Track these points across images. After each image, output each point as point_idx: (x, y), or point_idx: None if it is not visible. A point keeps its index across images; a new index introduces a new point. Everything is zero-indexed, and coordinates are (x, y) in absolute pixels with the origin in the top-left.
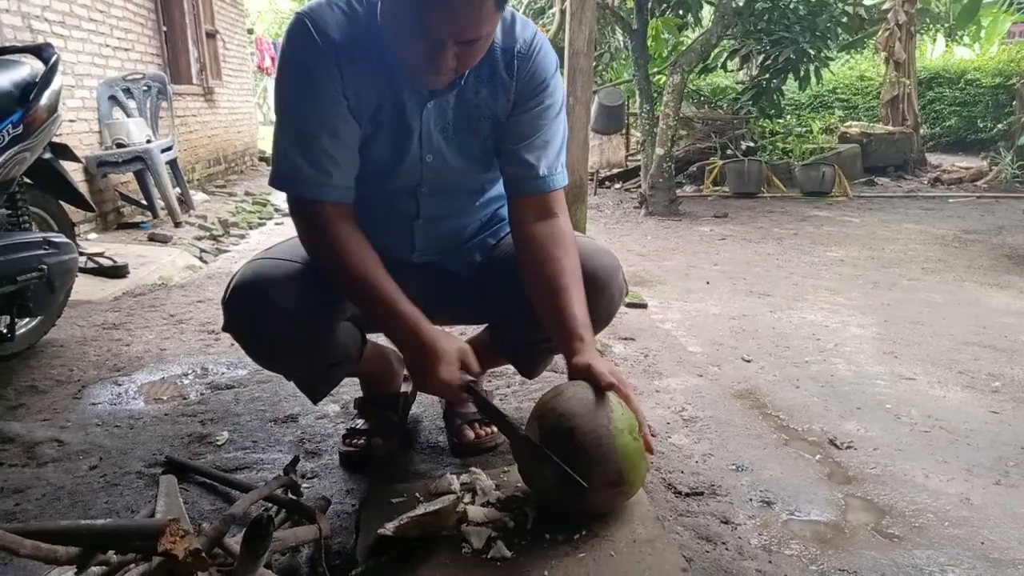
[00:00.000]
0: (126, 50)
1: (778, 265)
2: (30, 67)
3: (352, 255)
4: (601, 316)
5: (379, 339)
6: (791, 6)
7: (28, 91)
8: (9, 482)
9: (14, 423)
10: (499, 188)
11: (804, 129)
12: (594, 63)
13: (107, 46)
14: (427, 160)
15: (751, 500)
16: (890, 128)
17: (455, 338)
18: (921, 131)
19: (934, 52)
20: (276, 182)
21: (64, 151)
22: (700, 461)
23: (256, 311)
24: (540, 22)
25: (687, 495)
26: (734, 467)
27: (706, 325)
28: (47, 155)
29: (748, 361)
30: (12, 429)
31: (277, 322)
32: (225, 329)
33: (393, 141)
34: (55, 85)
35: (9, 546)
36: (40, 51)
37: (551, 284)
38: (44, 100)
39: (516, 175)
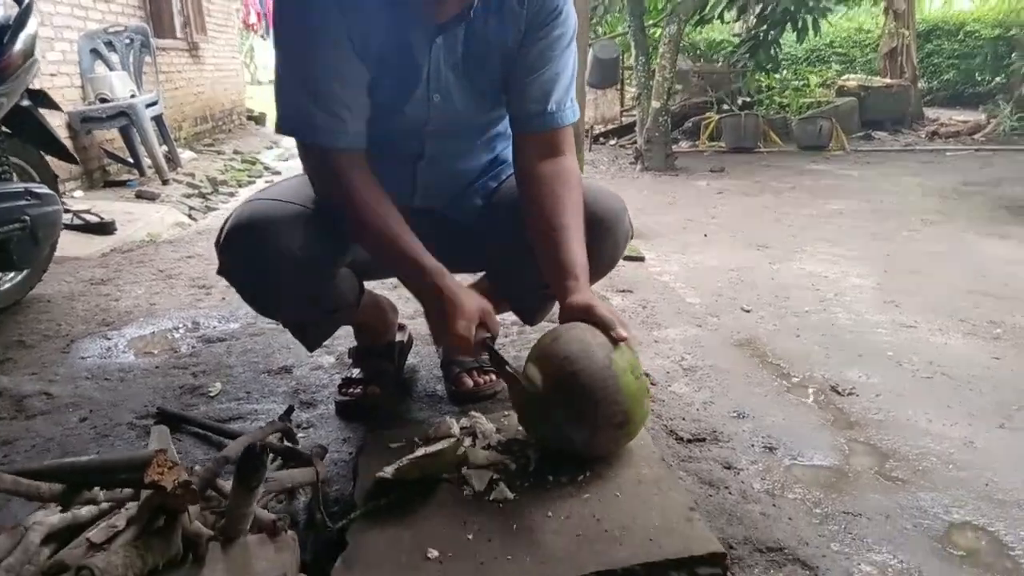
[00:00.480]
0: (106, 1)
1: (776, 218)
2: (2, 9)
3: (371, 205)
4: (605, 260)
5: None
6: None
7: (2, 35)
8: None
9: (2, 377)
10: (503, 126)
11: (801, 83)
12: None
13: None
14: (435, 100)
15: (753, 446)
16: (888, 81)
17: (476, 295)
18: (919, 85)
19: (933, 3)
20: (286, 128)
21: (43, 98)
22: (701, 409)
23: (255, 253)
24: None
25: (689, 441)
26: (735, 414)
27: (704, 277)
28: (25, 103)
29: (747, 311)
30: (0, 382)
31: (277, 266)
32: (220, 272)
33: (400, 80)
34: (30, 28)
35: None
36: None
37: (550, 222)
38: (19, 44)
39: (523, 110)
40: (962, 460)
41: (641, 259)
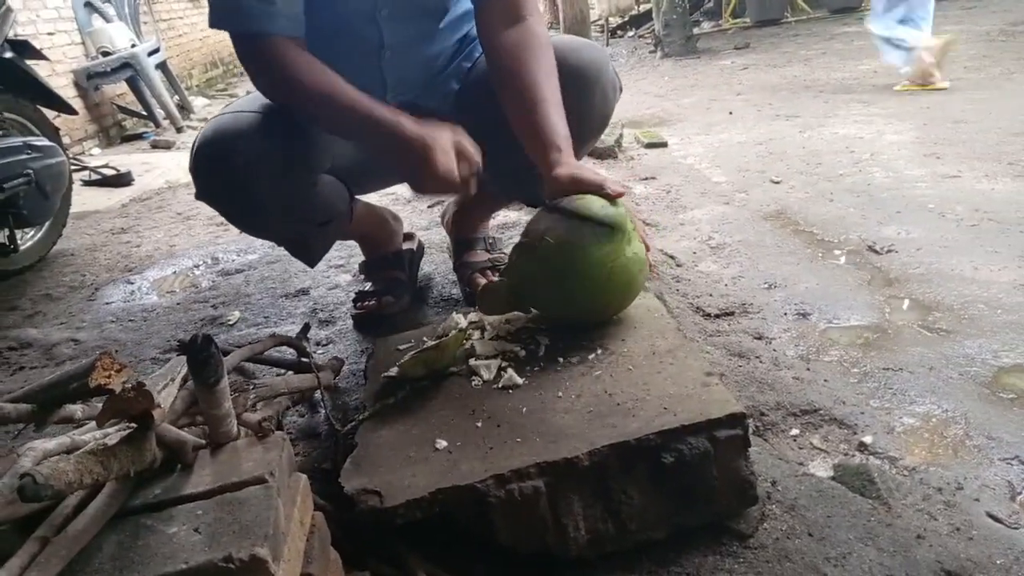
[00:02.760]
0: None
1: (806, 86)
2: None
3: (311, 74)
4: (596, 116)
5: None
6: None
7: None
8: (29, 382)
9: (31, 329)
10: (465, 3)
11: None
12: None
13: None
14: None
15: (785, 314)
16: None
17: (446, 124)
18: None
19: None
20: (215, 21)
21: (27, 48)
22: (730, 284)
23: (225, 167)
24: None
25: (717, 316)
26: (766, 285)
27: (730, 155)
28: (7, 54)
29: (777, 183)
30: (29, 335)
31: (249, 175)
32: (199, 198)
33: None
34: None
35: None
36: None
37: (525, 95)
38: None
39: None
40: (1012, 303)
41: (664, 144)
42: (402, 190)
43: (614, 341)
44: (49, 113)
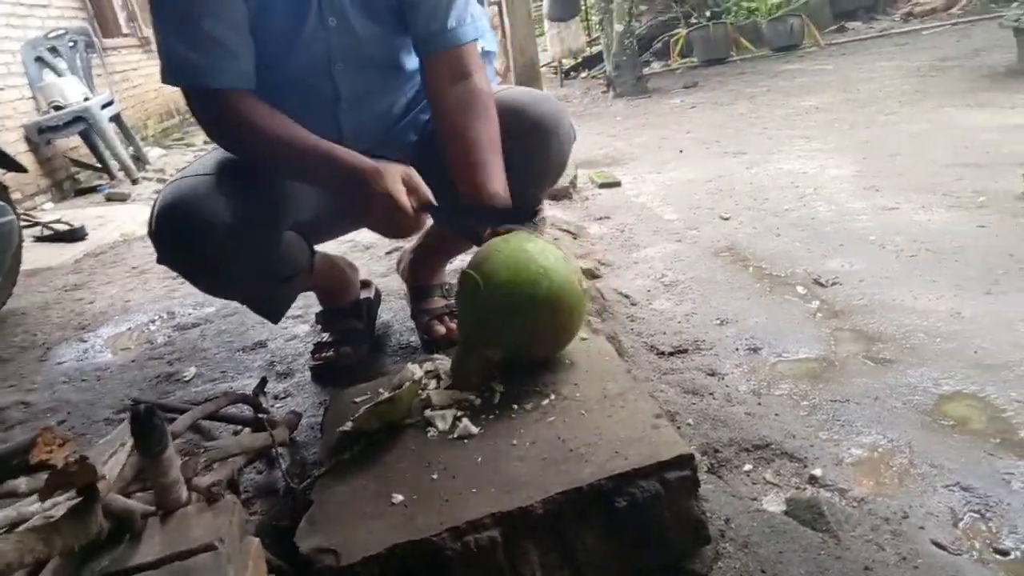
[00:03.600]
0: (43, 6)
1: (751, 123)
2: None
3: (263, 119)
4: (553, 164)
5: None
6: None
7: None
8: None
9: None
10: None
11: None
12: None
13: (21, 4)
14: (331, 24)
15: (737, 349)
16: None
17: (394, 163)
18: None
19: None
20: (167, 77)
21: None
22: (683, 321)
23: (184, 233)
24: None
25: (670, 354)
26: (718, 321)
27: (681, 192)
28: None
29: (726, 219)
30: None
31: (209, 240)
32: (160, 262)
33: (289, 6)
34: None
35: None
36: None
37: (467, 159)
38: None
39: (423, 30)
40: (949, 331)
41: (617, 184)
42: (360, 236)
43: (567, 386)
44: None
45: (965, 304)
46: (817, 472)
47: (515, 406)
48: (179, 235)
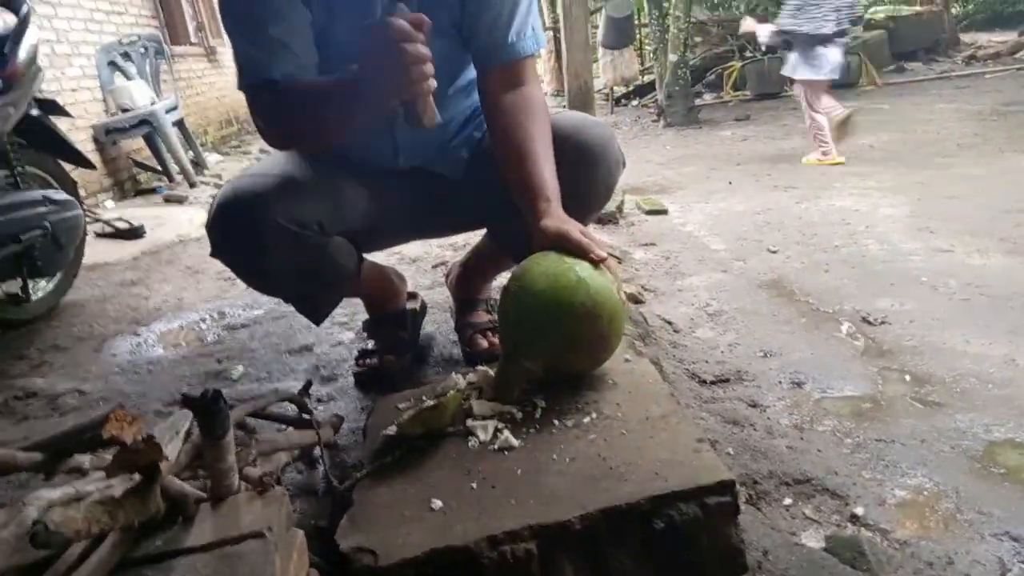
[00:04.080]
0: (119, 14)
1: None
2: (1, 21)
3: (302, 86)
4: (600, 190)
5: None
6: None
7: (2, 44)
8: (32, 432)
9: (37, 379)
10: (473, 72)
11: None
12: None
13: (99, 10)
14: None
15: (780, 383)
16: (918, 8)
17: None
18: (953, 10)
19: None
20: (240, 82)
21: (53, 107)
22: (726, 351)
23: (239, 229)
24: None
25: (712, 383)
26: (762, 353)
27: (729, 223)
28: (35, 112)
29: (774, 252)
30: (35, 384)
31: (263, 237)
32: (213, 255)
33: (352, 21)
34: (30, 37)
35: None
36: (10, 3)
37: (518, 149)
38: (21, 54)
39: (483, 42)
40: (1003, 378)
41: (664, 212)
42: (408, 249)
43: (609, 405)
44: (68, 166)
45: (1020, 351)
46: (859, 511)
47: (556, 421)
48: (232, 229)
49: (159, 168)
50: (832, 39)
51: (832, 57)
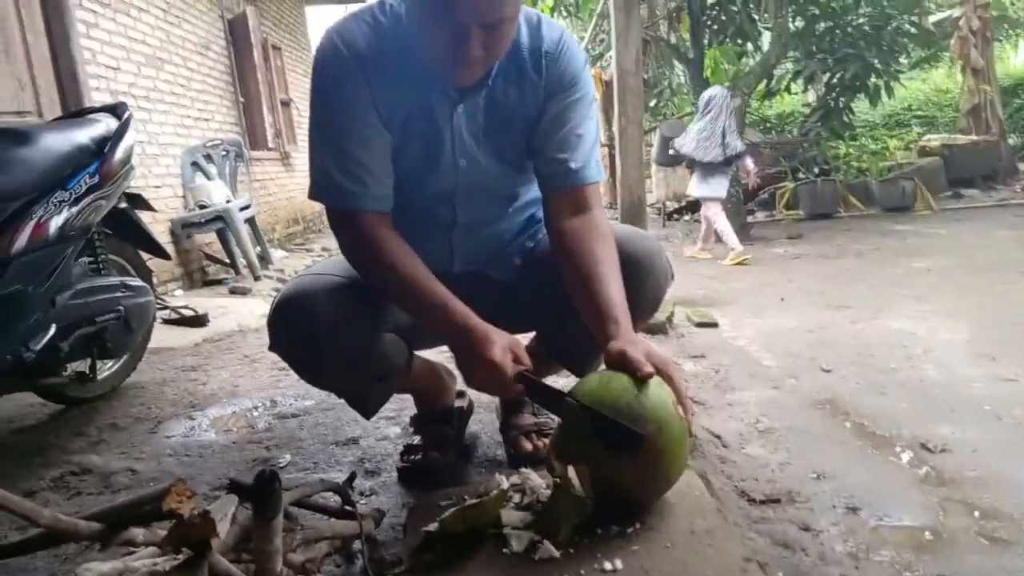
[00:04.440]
0: (206, 120)
1: (858, 278)
2: (105, 124)
3: (395, 257)
4: (648, 303)
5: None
6: (854, 23)
7: (103, 145)
8: (84, 507)
9: (93, 456)
10: (534, 191)
11: (880, 147)
12: (654, 100)
13: (189, 117)
14: (461, 164)
15: (834, 507)
16: (974, 138)
17: (505, 332)
18: (1010, 140)
19: (1017, 59)
20: (314, 194)
21: (139, 200)
22: (777, 470)
23: (298, 325)
24: (599, 66)
25: (762, 502)
26: (815, 475)
27: (781, 339)
28: (123, 205)
29: (827, 371)
30: (91, 461)
31: (318, 333)
32: (271, 348)
33: (425, 147)
34: (128, 140)
35: (29, 514)
36: (115, 109)
37: (586, 272)
38: (119, 153)
39: (549, 171)
40: None
41: (714, 324)
42: None
43: (653, 516)
44: (146, 256)
45: None
46: None
47: (599, 530)
48: (290, 325)
49: (228, 261)
50: (721, 167)
51: (722, 180)
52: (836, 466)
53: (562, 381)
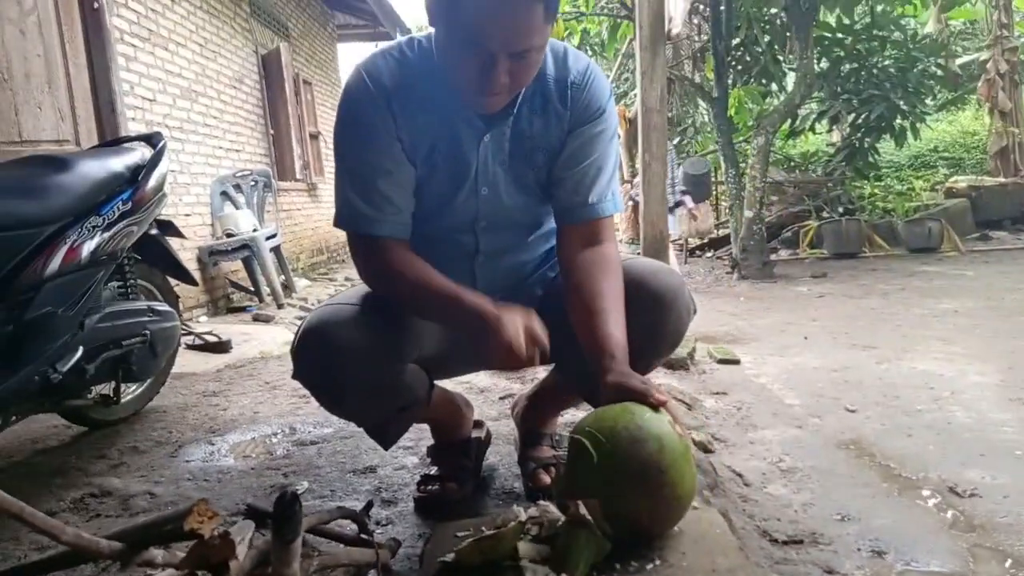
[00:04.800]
0: (237, 151)
1: (883, 318)
2: (140, 152)
3: (408, 267)
4: (668, 337)
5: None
6: (880, 65)
7: (138, 172)
8: (102, 529)
9: (114, 479)
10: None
11: (906, 187)
12: (677, 138)
13: (220, 148)
14: (482, 193)
15: (859, 550)
16: (1002, 180)
17: (519, 308)
18: None
19: None
20: (337, 222)
21: (169, 227)
22: (800, 510)
23: (321, 354)
24: (623, 104)
25: (784, 543)
26: (839, 516)
27: (804, 378)
28: (153, 231)
29: (852, 411)
30: (111, 484)
31: (342, 364)
32: (294, 377)
33: (450, 176)
34: (162, 168)
35: (51, 531)
36: (150, 139)
37: (588, 307)
38: (152, 181)
39: (566, 202)
40: None
41: (736, 361)
42: (476, 379)
43: (674, 553)
44: (172, 281)
45: None
46: None
47: (617, 565)
48: (314, 354)
49: (252, 289)
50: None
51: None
52: (861, 508)
53: (580, 414)
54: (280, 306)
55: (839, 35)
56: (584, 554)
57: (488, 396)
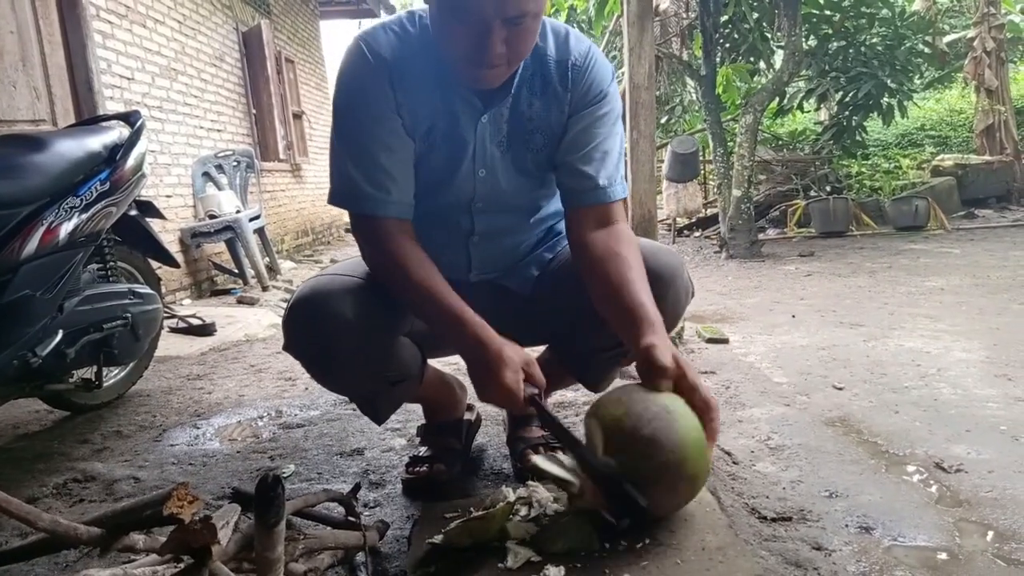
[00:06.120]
0: (218, 131)
1: (870, 297)
2: (118, 131)
3: (414, 265)
4: (668, 315)
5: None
6: (868, 43)
7: (115, 152)
8: (86, 514)
9: (97, 464)
10: (554, 204)
11: (893, 165)
12: (666, 116)
13: (201, 128)
14: (480, 174)
15: (847, 526)
16: (988, 158)
17: (520, 348)
18: None
19: None
20: (336, 199)
21: (149, 208)
22: (788, 488)
23: (314, 323)
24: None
25: (773, 520)
26: (827, 493)
27: (792, 356)
28: (133, 212)
29: (840, 389)
30: (95, 469)
31: (334, 333)
32: (285, 348)
33: (447, 156)
34: (140, 147)
35: (28, 517)
36: (128, 117)
37: (616, 278)
38: (130, 161)
39: (574, 187)
40: None
41: (725, 341)
42: None
43: (663, 532)
44: (154, 263)
45: None
46: None
47: (607, 545)
48: (306, 324)
49: (236, 271)
50: None
51: None
52: (849, 484)
53: (571, 395)
54: (265, 288)
55: (827, 12)
56: (570, 535)
57: None
